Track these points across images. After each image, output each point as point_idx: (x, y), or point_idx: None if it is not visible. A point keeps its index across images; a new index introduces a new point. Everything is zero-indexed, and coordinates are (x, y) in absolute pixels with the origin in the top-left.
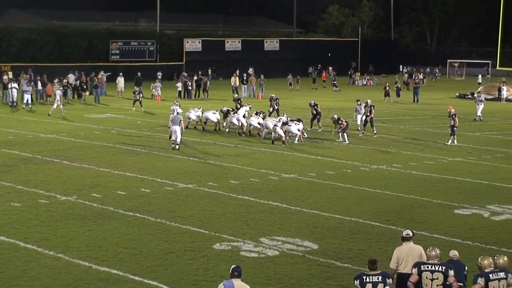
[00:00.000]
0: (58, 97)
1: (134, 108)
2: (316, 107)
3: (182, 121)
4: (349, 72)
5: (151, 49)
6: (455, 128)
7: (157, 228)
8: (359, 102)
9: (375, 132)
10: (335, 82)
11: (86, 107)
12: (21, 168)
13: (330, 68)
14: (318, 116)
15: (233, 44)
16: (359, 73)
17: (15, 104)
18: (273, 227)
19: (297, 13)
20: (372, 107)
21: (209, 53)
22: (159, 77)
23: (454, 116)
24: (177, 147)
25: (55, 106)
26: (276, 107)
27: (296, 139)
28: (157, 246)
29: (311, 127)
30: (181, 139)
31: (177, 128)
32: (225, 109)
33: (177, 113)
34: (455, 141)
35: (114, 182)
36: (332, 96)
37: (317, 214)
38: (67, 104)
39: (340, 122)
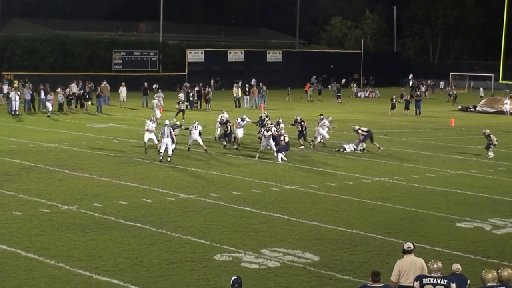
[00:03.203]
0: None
1: (175, 119)
2: (302, 123)
3: (172, 133)
4: (351, 84)
5: (154, 59)
6: (493, 146)
7: (158, 238)
8: (321, 117)
9: (301, 143)
10: (339, 94)
11: (88, 117)
12: (23, 177)
13: (346, 79)
14: (304, 132)
15: (235, 55)
16: (355, 84)
17: (16, 113)
18: (274, 238)
19: (300, 24)
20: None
21: (211, 63)
22: (154, 88)
23: (490, 136)
24: (168, 159)
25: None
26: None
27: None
28: (158, 257)
29: (300, 145)
30: (173, 150)
31: (168, 141)
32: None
33: (165, 124)
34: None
35: (115, 192)
36: (334, 108)
37: (318, 226)
38: (70, 113)
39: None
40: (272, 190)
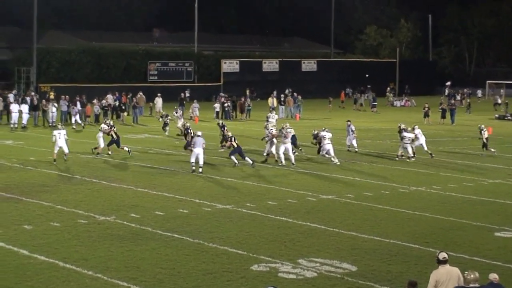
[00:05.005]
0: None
1: (167, 133)
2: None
3: (204, 144)
4: (387, 93)
5: (189, 70)
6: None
7: (195, 248)
8: (349, 123)
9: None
10: (374, 104)
11: (124, 128)
12: (60, 188)
13: (389, 88)
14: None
15: (270, 65)
16: (391, 94)
17: (53, 124)
18: (311, 248)
19: (335, 33)
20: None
21: (246, 73)
22: (187, 95)
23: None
24: (200, 169)
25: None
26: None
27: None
28: (195, 267)
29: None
30: (204, 161)
31: (199, 151)
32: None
33: (198, 135)
34: None
35: (152, 202)
36: (370, 117)
37: (355, 235)
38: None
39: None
40: (308, 200)
